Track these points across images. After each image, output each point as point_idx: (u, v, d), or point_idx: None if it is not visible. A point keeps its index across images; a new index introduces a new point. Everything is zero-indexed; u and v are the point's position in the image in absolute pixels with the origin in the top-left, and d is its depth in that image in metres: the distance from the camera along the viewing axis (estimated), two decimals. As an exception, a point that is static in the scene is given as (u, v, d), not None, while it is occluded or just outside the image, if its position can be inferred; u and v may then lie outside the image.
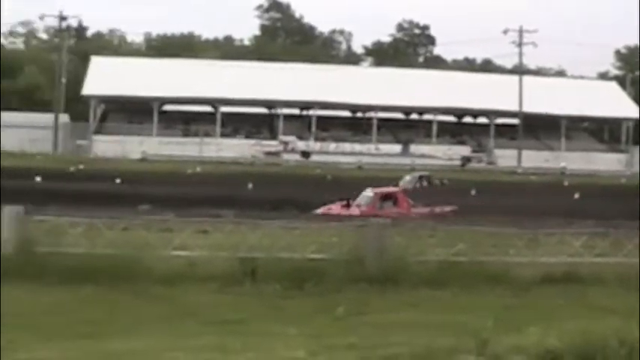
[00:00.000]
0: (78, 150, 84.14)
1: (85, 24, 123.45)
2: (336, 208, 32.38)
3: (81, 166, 59.33)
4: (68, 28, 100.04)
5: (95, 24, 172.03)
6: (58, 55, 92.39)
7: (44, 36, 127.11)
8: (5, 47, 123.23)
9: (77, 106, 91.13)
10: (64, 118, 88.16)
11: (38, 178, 43.97)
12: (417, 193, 43.01)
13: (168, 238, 14.53)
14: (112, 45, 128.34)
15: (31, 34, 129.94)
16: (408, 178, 50.05)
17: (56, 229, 14.11)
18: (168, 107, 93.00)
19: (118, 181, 46.19)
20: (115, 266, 13.13)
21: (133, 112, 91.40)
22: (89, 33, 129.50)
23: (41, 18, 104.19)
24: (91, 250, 13.65)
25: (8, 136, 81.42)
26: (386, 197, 32.91)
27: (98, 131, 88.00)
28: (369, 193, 34.00)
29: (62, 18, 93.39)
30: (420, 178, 49.70)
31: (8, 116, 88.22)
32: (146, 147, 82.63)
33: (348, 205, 32.18)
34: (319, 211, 31.86)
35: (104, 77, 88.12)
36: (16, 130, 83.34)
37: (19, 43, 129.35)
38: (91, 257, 13.41)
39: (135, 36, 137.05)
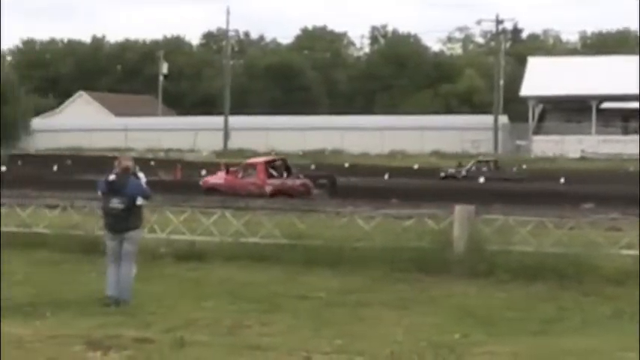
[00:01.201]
0: (517, 150, 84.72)
1: (520, 26, 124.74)
2: (217, 176, 33.51)
3: (523, 166, 59.75)
4: (504, 31, 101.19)
5: (530, 26, 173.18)
6: (495, 58, 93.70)
7: (481, 40, 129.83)
8: (444, 52, 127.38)
9: (515, 106, 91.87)
10: (502, 119, 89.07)
11: (481, 179, 45.15)
12: (472, 174, 47.22)
13: (615, 236, 14.42)
14: (547, 45, 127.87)
15: (468, 39, 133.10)
16: (473, 161, 51.92)
17: (505, 227, 14.49)
18: (606, 105, 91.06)
19: (561, 180, 46.14)
20: (563, 264, 13.27)
21: (570, 111, 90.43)
22: (524, 35, 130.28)
23: (478, 23, 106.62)
24: (540, 249, 13.88)
25: (449, 137, 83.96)
26: (251, 167, 32.81)
27: (536, 131, 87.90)
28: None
29: (498, 22, 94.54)
30: (481, 162, 51.66)
31: (448, 119, 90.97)
32: (585, 145, 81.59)
33: (227, 172, 33.00)
34: (202, 180, 34.06)
35: (541, 78, 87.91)
36: (456, 132, 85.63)
37: (457, 49, 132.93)
38: (539, 255, 13.64)
39: (569, 35, 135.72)
